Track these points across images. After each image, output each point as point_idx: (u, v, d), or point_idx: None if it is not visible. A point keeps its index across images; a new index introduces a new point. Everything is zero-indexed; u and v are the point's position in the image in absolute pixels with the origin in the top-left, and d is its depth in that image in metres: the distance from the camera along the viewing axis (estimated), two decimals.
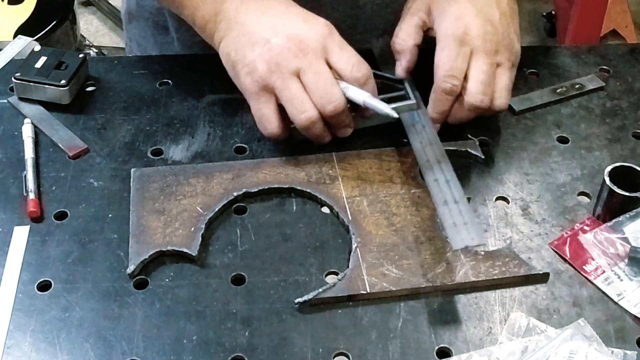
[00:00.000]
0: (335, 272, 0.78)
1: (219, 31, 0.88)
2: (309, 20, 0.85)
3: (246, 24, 0.85)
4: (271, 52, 0.83)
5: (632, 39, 2.63)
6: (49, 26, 1.81)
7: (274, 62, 0.83)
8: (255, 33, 0.84)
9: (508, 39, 0.89)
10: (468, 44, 0.87)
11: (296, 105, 0.83)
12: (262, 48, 0.83)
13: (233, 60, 0.86)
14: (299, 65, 0.82)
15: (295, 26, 0.84)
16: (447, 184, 0.81)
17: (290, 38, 0.83)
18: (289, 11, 0.86)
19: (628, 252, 0.78)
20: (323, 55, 0.84)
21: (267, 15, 0.85)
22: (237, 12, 0.87)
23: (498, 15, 0.89)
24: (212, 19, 0.88)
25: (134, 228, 0.80)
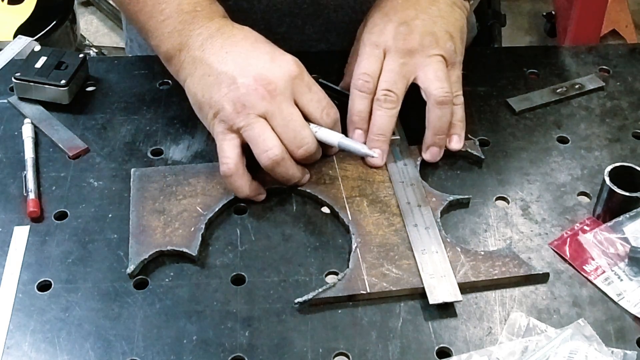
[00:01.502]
0: (335, 272, 0.78)
1: (184, 69, 0.86)
2: (277, 59, 0.82)
3: (212, 63, 0.83)
4: (237, 92, 0.80)
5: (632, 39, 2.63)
6: (49, 26, 1.81)
7: (240, 103, 0.80)
8: (222, 73, 0.82)
9: (431, 37, 0.87)
10: (380, 46, 0.87)
11: (259, 144, 0.80)
12: (229, 88, 0.81)
13: (200, 101, 0.83)
14: (267, 109, 0.80)
15: (262, 65, 0.82)
16: (427, 232, 0.80)
17: (256, 79, 0.80)
18: (256, 48, 0.84)
19: (628, 252, 0.78)
20: (291, 97, 0.81)
21: (233, 54, 0.83)
22: (202, 50, 0.84)
23: (414, 15, 0.87)
24: (176, 54, 0.86)
25: (134, 228, 0.80)
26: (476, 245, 0.81)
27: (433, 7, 0.88)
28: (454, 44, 0.87)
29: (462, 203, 0.85)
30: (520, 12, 2.94)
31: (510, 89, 0.99)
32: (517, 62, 1.03)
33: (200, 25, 0.85)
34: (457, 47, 0.88)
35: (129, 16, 0.92)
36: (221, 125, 0.82)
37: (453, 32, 0.88)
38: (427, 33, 0.86)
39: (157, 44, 0.88)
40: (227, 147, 0.81)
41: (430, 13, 0.88)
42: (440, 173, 0.88)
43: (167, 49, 0.87)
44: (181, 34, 0.86)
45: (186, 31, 0.85)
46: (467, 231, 0.82)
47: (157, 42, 0.88)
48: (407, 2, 0.88)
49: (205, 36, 0.85)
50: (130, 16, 0.91)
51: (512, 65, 1.03)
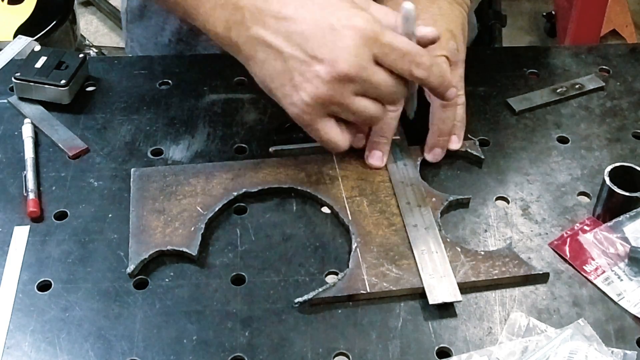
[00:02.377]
0: (335, 272, 0.78)
1: (245, 45, 0.77)
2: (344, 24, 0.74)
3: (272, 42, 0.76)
4: (317, 86, 0.74)
5: (632, 39, 2.63)
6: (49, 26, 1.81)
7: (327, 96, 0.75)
8: (291, 57, 0.75)
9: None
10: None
11: (364, 118, 0.78)
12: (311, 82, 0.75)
13: (268, 87, 0.78)
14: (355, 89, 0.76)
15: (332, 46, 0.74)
16: (427, 232, 0.80)
17: (329, 70, 0.74)
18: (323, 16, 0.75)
19: (628, 252, 0.78)
20: (373, 65, 0.75)
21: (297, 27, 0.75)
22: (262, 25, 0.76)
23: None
24: (233, 26, 0.78)
25: (134, 228, 0.80)
26: (476, 245, 0.81)
27: (434, 5, 0.88)
28: (456, 43, 0.87)
29: (462, 203, 0.85)
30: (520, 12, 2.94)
31: (510, 89, 0.99)
32: (517, 62, 1.03)
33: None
34: (459, 45, 0.88)
35: (169, 3, 0.84)
36: (302, 113, 0.76)
37: (454, 30, 0.88)
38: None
39: (203, 24, 0.80)
40: (328, 136, 0.78)
41: (431, 12, 0.88)
42: (440, 173, 0.88)
43: (215, 27, 0.79)
44: (224, 8, 0.78)
45: (229, 5, 0.77)
46: (467, 231, 0.82)
47: (203, 22, 0.80)
48: None
49: (252, 9, 0.77)
50: (170, 2, 0.84)
51: (512, 65, 1.03)
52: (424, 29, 0.80)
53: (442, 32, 0.86)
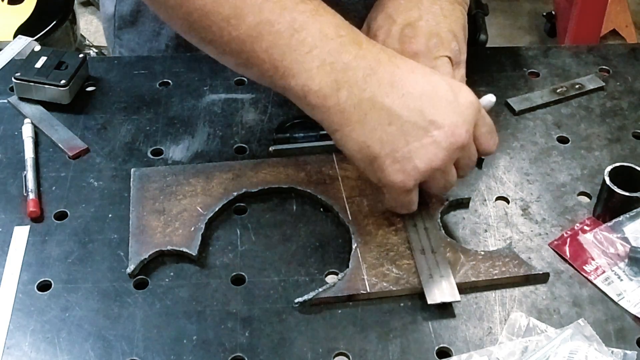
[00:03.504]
0: (335, 272, 0.78)
1: (347, 112, 0.72)
2: (459, 96, 0.74)
3: (390, 108, 0.72)
4: (430, 149, 0.72)
5: (632, 39, 2.63)
6: (49, 26, 1.81)
7: (434, 162, 0.73)
8: (407, 122, 0.72)
9: (436, 39, 0.86)
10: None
11: (444, 185, 0.77)
12: (420, 142, 0.72)
13: (375, 153, 0.73)
14: (458, 156, 0.75)
15: (449, 110, 0.73)
16: (427, 232, 0.80)
17: (448, 132, 0.72)
18: (431, 84, 0.74)
19: (628, 252, 0.78)
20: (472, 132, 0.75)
21: (411, 96, 0.72)
22: (369, 90, 0.72)
23: (418, 16, 0.86)
24: (334, 93, 0.72)
25: (134, 228, 0.80)
26: (476, 245, 0.81)
27: (435, 6, 0.88)
28: (458, 44, 0.87)
29: (462, 203, 0.85)
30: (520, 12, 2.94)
31: (510, 89, 0.99)
32: (517, 62, 1.03)
33: (354, 55, 0.73)
34: (461, 46, 0.88)
35: (251, 59, 0.74)
36: (408, 181, 0.73)
37: (456, 31, 0.88)
38: (432, 34, 0.85)
39: (304, 83, 0.72)
40: (414, 198, 0.77)
41: (433, 13, 0.87)
42: None
43: (321, 87, 0.72)
44: (334, 67, 0.72)
45: (339, 64, 0.72)
46: (467, 231, 0.82)
47: (305, 81, 0.72)
48: (409, 3, 0.88)
49: (366, 70, 0.72)
50: (253, 58, 0.74)
51: (512, 65, 1.03)
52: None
53: (445, 34, 0.86)
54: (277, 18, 0.72)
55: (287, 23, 0.72)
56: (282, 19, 0.72)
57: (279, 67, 0.73)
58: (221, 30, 0.74)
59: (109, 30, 1.13)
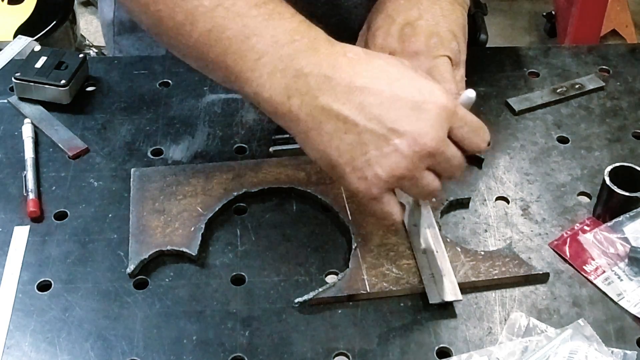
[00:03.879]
0: (335, 272, 0.78)
1: (301, 121, 0.70)
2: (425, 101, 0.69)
3: (346, 116, 0.69)
4: (391, 158, 0.69)
5: (632, 39, 2.63)
6: (49, 26, 1.81)
7: (396, 172, 0.69)
8: (365, 130, 0.69)
9: (436, 38, 0.85)
10: (385, 49, 0.85)
11: (423, 192, 0.72)
12: (379, 151, 0.69)
13: (335, 162, 0.70)
14: (428, 164, 0.70)
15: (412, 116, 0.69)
16: (427, 232, 0.79)
17: (411, 141, 0.68)
18: (392, 89, 0.69)
19: (628, 252, 0.78)
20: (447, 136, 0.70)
21: (369, 102, 0.69)
22: (323, 97, 0.69)
23: (417, 16, 0.86)
24: (285, 101, 0.70)
25: (134, 228, 0.80)
26: (476, 245, 0.81)
27: (435, 6, 0.88)
28: (458, 43, 0.87)
29: (462, 203, 0.85)
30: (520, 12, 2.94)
31: (510, 89, 0.99)
32: (517, 62, 1.03)
33: (307, 62, 0.70)
34: (461, 46, 0.88)
35: (208, 64, 0.74)
36: (371, 188, 0.70)
37: (456, 31, 0.88)
38: (431, 34, 0.85)
39: (255, 90, 0.71)
40: (387, 208, 0.72)
41: (433, 13, 0.87)
42: None
43: (271, 95, 0.70)
44: (285, 74, 0.70)
45: (290, 71, 0.70)
46: (467, 231, 0.82)
47: (256, 88, 0.71)
48: (409, 2, 0.88)
49: (319, 77, 0.69)
50: (210, 63, 0.74)
51: (512, 65, 1.03)
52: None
53: (445, 33, 0.86)
54: (228, 24, 0.71)
55: (238, 29, 0.71)
56: (233, 24, 0.71)
57: (231, 73, 0.72)
58: (177, 36, 0.74)
59: (108, 36, 1.13)
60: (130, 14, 0.81)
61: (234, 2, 0.71)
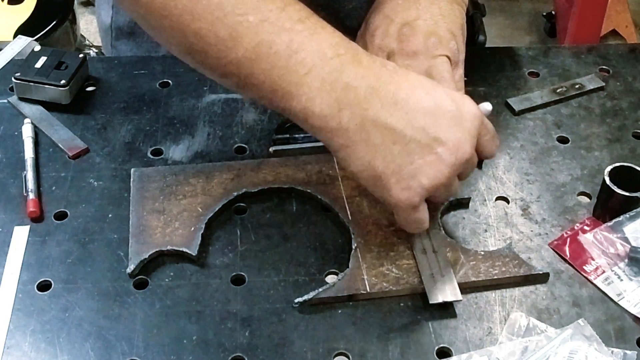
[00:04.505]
0: (335, 272, 0.78)
1: (349, 132, 0.71)
2: (462, 111, 0.73)
3: (393, 127, 0.71)
4: (435, 166, 0.72)
5: (632, 39, 2.63)
6: (49, 26, 1.81)
7: (440, 178, 0.72)
8: (411, 140, 0.71)
9: (435, 38, 0.86)
10: (384, 49, 0.86)
11: (447, 194, 0.77)
12: (424, 159, 0.71)
13: (380, 172, 0.72)
14: (462, 170, 0.75)
15: (453, 126, 0.72)
16: (427, 231, 0.79)
17: (453, 148, 0.72)
18: (434, 101, 0.73)
19: (628, 252, 0.78)
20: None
21: (414, 114, 0.71)
22: (371, 109, 0.71)
23: (416, 15, 0.86)
24: (335, 114, 0.71)
25: (134, 228, 0.80)
26: (476, 245, 0.81)
27: (434, 6, 0.88)
28: (457, 43, 0.87)
29: (462, 203, 0.85)
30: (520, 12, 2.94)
31: (510, 89, 0.99)
32: (517, 62, 1.03)
33: (354, 74, 0.71)
34: (460, 45, 0.88)
35: (252, 81, 0.72)
36: (413, 198, 0.72)
37: (455, 30, 0.88)
38: (430, 33, 0.85)
39: (305, 105, 0.71)
40: (422, 215, 0.75)
41: (431, 12, 0.87)
42: None
43: (322, 109, 0.70)
44: (334, 87, 0.70)
45: (340, 84, 0.70)
46: (467, 231, 0.82)
47: (305, 103, 0.71)
48: (407, 2, 0.88)
49: (367, 89, 0.71)
50: (254, 80, 0.72)
51: (512, 65, 1.03)
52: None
53: (443, 33, 0.86)
54: (274, 39, 0.70)
55: (284, 44, 0.70)
56: (279, 39, 0.70)
57: (278, 89, 0.71)
58: (218, 53, 0.72)
59: (106, 40, 1.12)
60: (158, 36, 0.77)
61: (278, 17, 0.71)
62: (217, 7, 0.70)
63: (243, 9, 0.70)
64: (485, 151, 0.78)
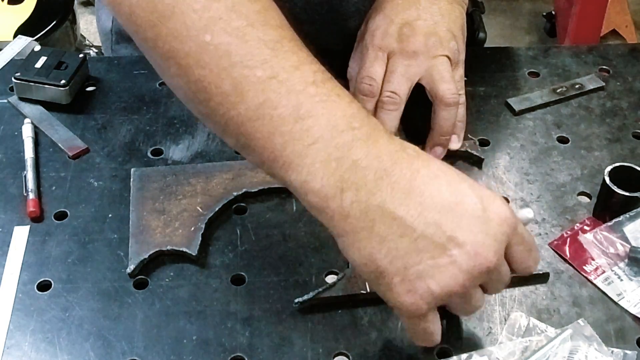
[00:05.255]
0: (335, 272, 0.78)
1: (351, 218, 0.62)
2: (489, 209, 0.63)
3: (403, 219, 0.62)
4: (448, 270, 0.62)
5: (632, 39, 2.63)
6: (49, 26, 1.81)
7: (451, 285, 0.62)
8: (422, 236, 0.62)
9: (435, 38, 0.86)
10: (384, 49, 0.86)
11: (468, 309, 0.67)
12: (434, 260, 0.62)
13: (382, 267, 0.62)
14: (482, 281, 0.65)
15: (475, 225, 0.62)
16: None
17: (472, 252, 0.62)
18: (456, 193, 0.63)
19: (628, 252, 0.78)
20: (504, 251, 0.65)
21: (430, 207, 0.62)
22: (379, 195, 0.62)
23: (416, 15, 0.86)
24: (337, 194, 0.62)
25: (134, 228, 0.80)
26: None
27: (434, 6, 0.88)
28: (457, 43, 0.87)
29: None
30: (520, 12, 2.95)
31: (510, 89, 0.99)
32: (517, 62, 1.03)
33: (366, 153, 0.62)
34: (460, 46, 0.88)
35: (251, 143, 0.65)
36: (420, 304, 0.63)
37: (455, 30, 0.88)
38: (430, 34, 0.86)
39: (305, 179, 0.63)
40: (432, 328, 0.66)
41: (431, 12, 0.88)
42: None
43: (323, 186, 0.62)
44: (340, 164, 0.62)
45: (347, 161, 0.62)
46: None
47: (305, 177, 0.63)
48: (407, 2, 0.88)
49: (378, 172, 0.62)
50: (253, 143, 0.65)
51: (512, 65, 1.03)
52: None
53: (444, 33, 0.86)
54: (281, 100, 0.63)
55: (292, 107, 0.62)
56: (287, 102, 0.62)
57: (279, 157, 0.63)
58: (219, 107, 0.65)
59: (107, 44, 1.12)
60: (163, 76, 0.70)
61: (289, 77, 0.63)
62: (225, 56, 0.63)
63: (252, 62, 0.63)
64: (517, 264, 0.66)
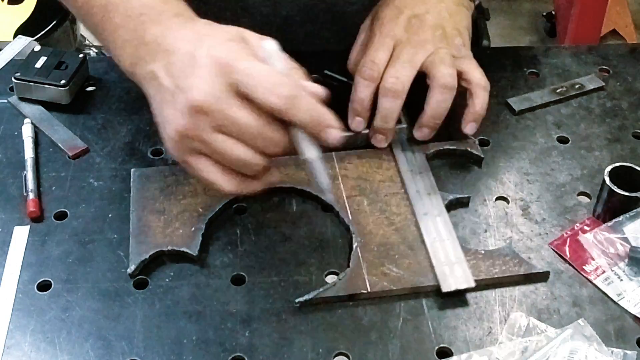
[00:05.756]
0: (335, 272, 0.78)
1: (144, 87, 0.75)
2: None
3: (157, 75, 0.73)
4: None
5: (632, 39, 2.63)
6: (49, 26, 1.81)
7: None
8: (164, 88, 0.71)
9: (441, 32, 0.88)
10: (391, 37, 0.87)
11: (233, 161, 0.71)
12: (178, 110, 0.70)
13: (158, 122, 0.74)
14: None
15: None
16: (438, 220, 0.80)
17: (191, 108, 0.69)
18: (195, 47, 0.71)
19: (628, 252, 0.78)
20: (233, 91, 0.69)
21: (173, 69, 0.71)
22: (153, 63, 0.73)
23: (424, 10, 0.89)
24: (134, 71, 0.76)
25: (134, 228, 0.80)
26: (476, 245, 0.81)
27: (441, 4, 0.90)
28: (462, 39, 0.89)
29: (462, 202, 0.85)
30: (520, 12, 2.95)
31: (510, 89, 0.99)
32: (517, 62, 1.03)
33: (150, 33, 0.74)
34: (465, 42, 0.90)
35: (86, 26, 0.84)
36: (173, 151, 0.73)
37: (461, 29, 0.90)
38: (437, 27, 0.88)
39: (115, 57, 0.79)
40: (202, 174, 0.72)
41: (438, 10, 0.90)
42: (441, 173, 0.88)
43: (123, 63, 0.77)
44: (132, 44, 0.75)
45: (136, 40, 0.75)
46: (467, 231, 0.82)
47: (115, 56, 0.79)
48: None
49: (153, 44, 0.73)
50: (91, 29, 0.83)
51: (512, 65, 1.03)
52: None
53: (450, 29, 0.88)
54: (94, 1, 0.79)
55: (102, 5, 0.78)
56: (98, 2, 0.79)
57: (103, 40, 0.79)
58: (67, 3, 0.84)
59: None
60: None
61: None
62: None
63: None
64: (258, 102, 0.68)
